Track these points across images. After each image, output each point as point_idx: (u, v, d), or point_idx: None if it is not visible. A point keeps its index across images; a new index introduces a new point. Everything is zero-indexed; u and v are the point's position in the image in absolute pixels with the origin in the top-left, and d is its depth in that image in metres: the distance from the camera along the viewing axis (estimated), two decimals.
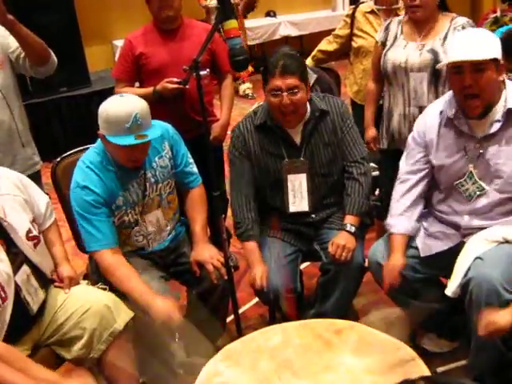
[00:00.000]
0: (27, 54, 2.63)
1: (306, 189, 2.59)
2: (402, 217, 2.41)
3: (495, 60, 2.11)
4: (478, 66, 2.09)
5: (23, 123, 2.82)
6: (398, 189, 2.45)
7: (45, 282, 2.22)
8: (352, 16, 3.55)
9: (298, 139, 2.57)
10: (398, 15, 3.33)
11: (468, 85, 2.12)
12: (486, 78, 2.11)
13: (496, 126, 2.19)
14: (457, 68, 2.14)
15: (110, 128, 2.21)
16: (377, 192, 3.58)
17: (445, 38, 2.77)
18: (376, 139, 3.15)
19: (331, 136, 2.58)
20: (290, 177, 2.58)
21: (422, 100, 2.84)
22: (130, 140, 2.19)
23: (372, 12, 3.47)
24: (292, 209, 2.62)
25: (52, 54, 2.72)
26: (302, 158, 2.57)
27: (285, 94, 2.40)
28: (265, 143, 2.58)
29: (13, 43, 2.67)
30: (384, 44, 2.96)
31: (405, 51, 2.84)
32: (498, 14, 4.69)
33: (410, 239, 2.43)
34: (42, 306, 2.18)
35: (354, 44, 3.56)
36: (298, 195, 2.60)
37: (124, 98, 2.27)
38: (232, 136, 2.65)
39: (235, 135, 2.62)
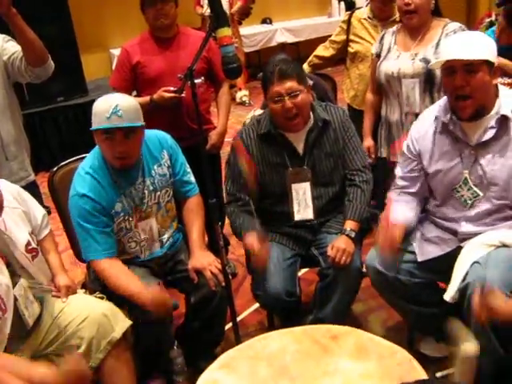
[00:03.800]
0: (25, 50, 2.59)
1: (311, 197, 2.59)
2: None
3: (489, 63, 2.10)
4: (470, 67, 2.09)
5: (12, 137, 2.76)
6: (395, 196, 2.43)
7: (41, 294, 2.21)
8: (348, 22, 3.56)
9: (300, 148, 2.57)
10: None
11: (459, 85, 2.12)
12: (477, 79, 2.10)
13: (490, 133, 2.18)
14: (449, 69, 2.14)
15: (94, 120, 2.26)
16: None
17: (437, 45, 2.79)
18: (373, 149, 3.16)
19: (333, 146, 2.59)
20: (295, 186, 2.58)
21: (414, 106, 2.86)
22: (105, 126, 2.22)
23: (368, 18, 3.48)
24: (297, 217, 2.62)
25: (49, 57, 2.70)
26: (305, 167, 2.57)
27: (286, 98, 2.41)
28: (267, 152, 2.59)
29: (11, 48, 2.67)
30: (379, 55, 2.99)
31: (397, 61, 2.87)
32: (493, 17, 4.71)
33: (408, 244, 2.42)
34: (39, 317, 2.17)
35: (350, 49, 3.57)
36: (303, 203, 2.60)
37: (114, 94, 2.33)
38: (233, 143, 2.64)
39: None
